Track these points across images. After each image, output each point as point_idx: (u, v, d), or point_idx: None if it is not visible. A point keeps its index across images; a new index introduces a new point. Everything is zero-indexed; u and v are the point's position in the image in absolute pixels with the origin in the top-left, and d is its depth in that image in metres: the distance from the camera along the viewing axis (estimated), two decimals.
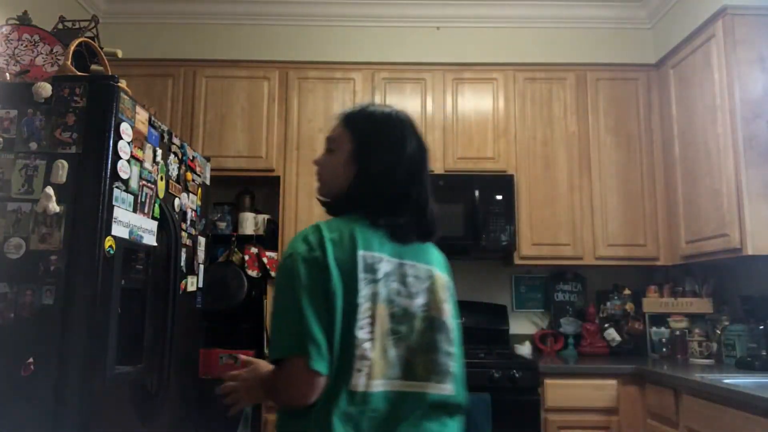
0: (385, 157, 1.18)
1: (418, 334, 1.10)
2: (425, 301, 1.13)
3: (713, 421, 2.06)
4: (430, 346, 1.11)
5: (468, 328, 3.17)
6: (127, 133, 1.78)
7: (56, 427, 1.55)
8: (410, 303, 1.10)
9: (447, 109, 3.18)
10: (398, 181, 1.17)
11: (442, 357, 1.12)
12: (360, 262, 1.06)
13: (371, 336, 1.03)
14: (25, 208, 1.66)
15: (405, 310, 1.09)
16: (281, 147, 3.11)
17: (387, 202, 1.16)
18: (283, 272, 1.06)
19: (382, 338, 1.05)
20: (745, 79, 2.53)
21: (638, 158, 3.13)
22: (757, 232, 2.41)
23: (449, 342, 1.14)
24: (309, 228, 1.10)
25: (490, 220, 2.97)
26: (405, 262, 1.13)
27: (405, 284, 1.11)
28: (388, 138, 1.20)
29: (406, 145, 1.20)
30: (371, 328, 1.04)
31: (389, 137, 1.20)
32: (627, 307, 3.11)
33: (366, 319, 1.03)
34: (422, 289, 1.14)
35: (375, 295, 1.05)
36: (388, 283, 1.08)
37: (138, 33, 3.23)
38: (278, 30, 3.26)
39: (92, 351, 1.61)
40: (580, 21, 3.27)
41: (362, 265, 1.06)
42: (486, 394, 2.50)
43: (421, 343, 1.10)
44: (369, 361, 1.02)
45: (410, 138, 1.21)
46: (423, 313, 1.12)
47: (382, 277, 1.08)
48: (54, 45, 2.08)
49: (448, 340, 1.14)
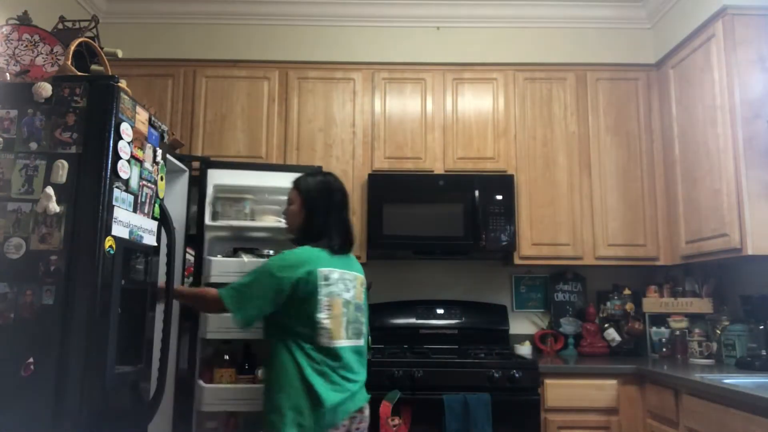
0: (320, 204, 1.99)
1: (351, 313, 1.93)
2: (354, 293, 1.97)
3: (713, 421, 2.06)
4: (356, 319, 1.96)
5: (468, 328, 3.19)
6: (127, 133, 1.78)
7: (56, 427, 1.55)
8: (348, 295, 1.94)
9: (447, 109, 3.18)
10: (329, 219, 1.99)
11: (359, 325, 1.98)
12: (319, 275, 1.87)
13: (329, 316, 1.86)
14: (25, 208, 1.66)
15: (346, 300, 1.93)
16: (281, 147, 3.12)
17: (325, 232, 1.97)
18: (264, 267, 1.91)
19: (336, 317, 1.88)
20: (745, 79, 2.53)
21: (638, 158, 3.13)
22: (757, 232, 2.41)
23: (363, 315, 2.02)
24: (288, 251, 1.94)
25: (490, 220, 2.97)
26: (343, 271, 1.95)
27: (345, 285, 1.94)
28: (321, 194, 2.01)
29: (333, 195, 2.01)
30: (329, 312, 1.86)
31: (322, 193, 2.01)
32: (627, 307, 3.11)
33: (326, 306, 1.86)
34: (351, 287, 1.97)
35: (330, 293, 1.88)
36: (337, 284, 1.91)
37: (138, 33, 3.23)
38: (278, 30, 3.26)
39: (92, 351, 1.61)
40: (580, 21, 3.27)
41: (321, 276, 1.87)
42: (486, 394, 2.50)
43: (351, 318, 1.93)
44: (327, 330, 1.85)
45: (335, 192, 2.03)
46: (353, 300, 1.96)
47: (334, 282, 1.90)
48: (54, 45, 2.08)
49: (363, 315, 2.02)
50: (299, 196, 2.03)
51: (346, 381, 1.87)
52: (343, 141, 3.14)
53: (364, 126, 3.16)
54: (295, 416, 1.77)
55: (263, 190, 2.67)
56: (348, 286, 1.95)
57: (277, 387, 1.83)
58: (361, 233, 3.01)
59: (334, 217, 2.00)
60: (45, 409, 1.55)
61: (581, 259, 3.07)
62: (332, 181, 2.05)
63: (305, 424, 1.77)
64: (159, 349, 1.98)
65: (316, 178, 2.05)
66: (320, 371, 1.82)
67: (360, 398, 1.91)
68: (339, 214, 2.02)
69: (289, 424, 1.76)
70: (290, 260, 1.89)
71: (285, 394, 1.80)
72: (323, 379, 1.81)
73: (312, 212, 1.99)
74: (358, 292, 2.01)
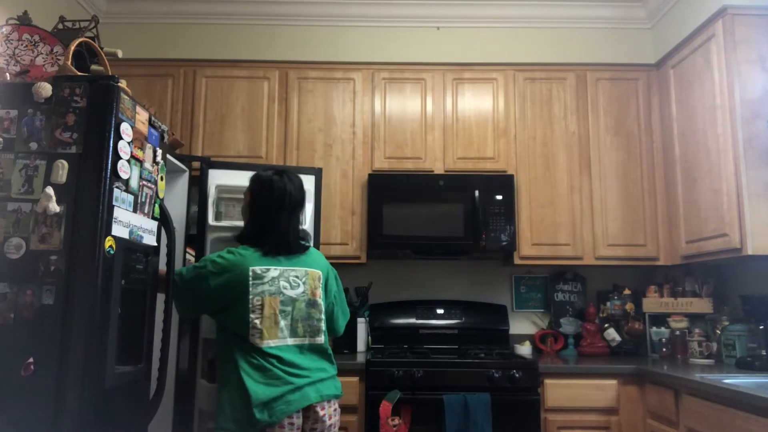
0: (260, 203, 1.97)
1: (299, 311, 1.89)
2: (304, 289, 1.92)
3: (713, 421, 2.06)
4: (307, 316, 1.91)
5: (468, 328, 3.19)
6: (127, 133, 1.78)
7: (56, 427, 1.55)
8: (294, 292, 1.90)
9: (447, 109, 3.18)
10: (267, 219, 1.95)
11: (314, 322, 1.93)
12: (251, 274, 1.85)
13: (260, 316, 1.83)
14: (25, 208, 1.66)
15: (290, 297, 1.89)
16: (281, 147, 3.12)
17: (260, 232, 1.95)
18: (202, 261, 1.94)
19: (271, 316, 1.84)
20: (745, 79, 2.53)
21: (638, 158, 3.13)
22: (757, 232, 2.42)
23: (320, 312, 1.96)
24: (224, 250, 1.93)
25: (490, 220, 2.97)
26: (286, 268, 1.92)
27: (288, 282, 1.90)
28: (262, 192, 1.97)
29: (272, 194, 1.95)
30: (260, 312, 1.83)
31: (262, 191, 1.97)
32: (627, 307, 3.11)
33: (258, 305, 1.83)
34: (300, 283, 1.92)
35: (262, 293, 1.85)
36: (274, 283, 1.87)
37: (138, 33, 3.23)
38: (278, 30, 3.26)
39: (92, 351, 1.61)
40: (579, 21, 3.27)
41: (252, 275, 1.85)
42: (486, 394, 2.50)
43: (302, 316, 1.90)
44: (258, 330, 1.82)
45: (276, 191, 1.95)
46: (302, 297, 1.91)
47: (269, 280, 1.86)
48: (54, 45, 2.08)
49: (319, 312, 1.95)
50: (248, 193, 2.04)
51: (289, 375, 1.81)
52: (343, 141, 3.14)
53: (364, 126, 3.16)
54: (232, 411, 1.78)
55: None
56: (294, 283, 1.91)
57: (221, 383, 1.87)
58: (361, 233, 3.02)
59: (269, 220, 1.95)
60: (45, 409, 1.55)
61: (581, 259, 3.07)
62: (276, 181, 1.98)
63: (240, 419, 1.76)
64: (159, 349, 1.98)
65: (263, 174, 2.01)
66: (257, 366, 1.80)
67: (311, 395, 1.82)
68: (275, 217, 1.95)
69: (228, 419, 1.78)
70: (225, 261, 1.88)
71: (225, 390, 1.82)
72: (259, 373, 1.79)
73: (252, 212, 2.00)
74: (312, 288, 1.95)
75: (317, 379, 1.87)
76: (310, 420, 1.83)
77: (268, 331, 1.83)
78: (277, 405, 1.76)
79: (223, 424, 1.79)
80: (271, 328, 1.83)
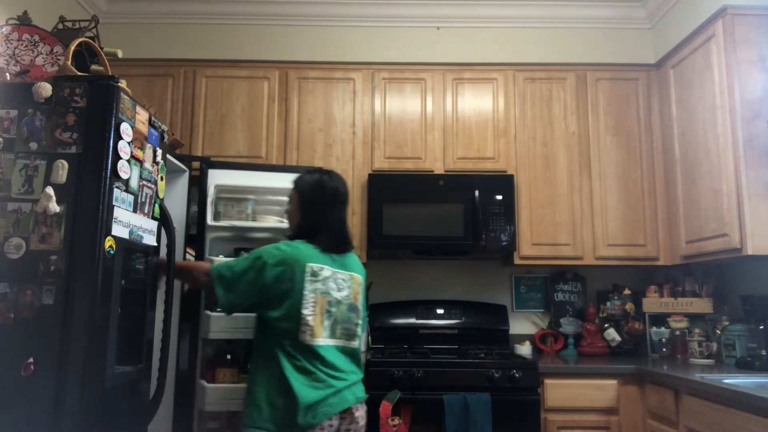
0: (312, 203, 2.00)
1: (341, 313, 1.91)
2: (348, 293, 1.95)
3: (713, 421, 2.06)
4: (347, 319, 1.93)
5: (468, 328, 3.19)
6: (127, 133, 1.78)
7: (56, 427, 1.55)
8: (339, 294, 1.92)
9: (447, 109, 3.18)
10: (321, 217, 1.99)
11: (352, 326, 1.95)
12: (307, 269, 1.86)
13: (313, 313, 1.83)
14: (25, 208, 1.66)
15: (336, 299, 1.90)
16: (281, 147, 3.12)
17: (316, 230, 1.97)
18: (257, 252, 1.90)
19: (320, 314, 1.85)
20: (745, 79, 2.53)
21: (638, 158, 3.13)
22: (757, 232, 2.41)
23: (358, 317, 1.98)
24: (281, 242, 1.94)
25: (490, 220, 2.97)
26: (336, 270, 1.94)
27: (336, 283, 1.92)
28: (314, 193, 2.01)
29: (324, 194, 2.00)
30: (313, 309, 1.84)
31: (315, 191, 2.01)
32: (627, 307, 3.11)
33: (311, 302, 1.84)
34: (345, 287, 1.95)
35: (316, 290, 1.86)
36: (326, 282, 1.89)
37: (138, 33, 3.23)
38: (278, 30, 3.26)
39: (92, 351, 1.61)
40: (580, 21, 3.27)
41: (309, 271, 1.86)
42: (486, 394, 2.50)
43: (342, 318, 1.91)
44: (310, 327, 1.82)
45: (328, 190, 2.00)
46: (346, 300, 1.94)
47: (322, 279, 1.88)
48: (54, 45, 2.08)
49: (357, 316, 1.98)
50: (296, 195, 2.04)
51: (331, 378, 1.82)
52: (343, 141, 3.14)
53: (364, 126, 3.16)
54: (271, 412, 1.76)
55: (264, 191, 2.67)
56: (341, 286, 1.93)
57: (257, 381, 1.83)
58: (361, 233, 3.01)
59: (326, 216, 1.99)
60: (45, 409, 1.55)
61: (581, 259, 3.07)
62: (326, 180, 2.02)
63: (281, 421, 1.75)
64: (159, 349, 1.98)
65: (312, 176, 2.04)
66: (301, 368, 1.79)
67: (349, 398, 1.85)
68: (330, 213, 2.00)
69: (266, 419, 1.76)
70: (283, 254, 1.87)
71: (263, 389, 1.80)
72: (304, 376, 1.79)
73: (306, 211, 2.00)
74: (354, 293, 1.98)
75: (352, 382, 1.89)
76: (346, 421, 1.84)
77: (317, 329, 1.83)
78: (320, 407, 1.77)
79: (260, 424, 1.76)
80: (318, 326, 1.84)
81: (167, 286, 2.00)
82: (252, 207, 2.64)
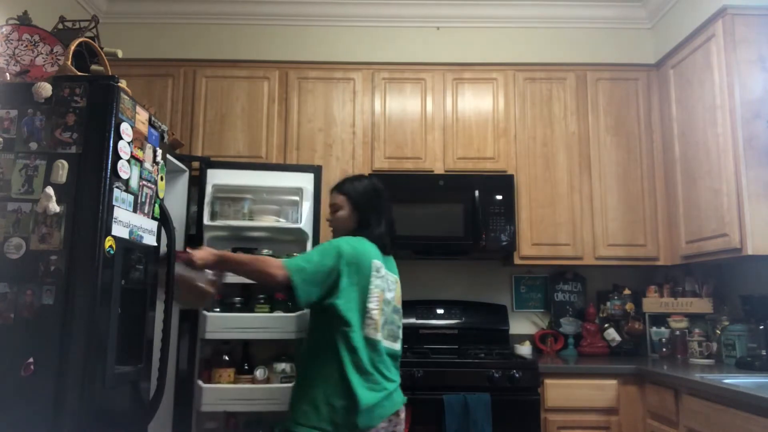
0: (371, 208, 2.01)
1: (389, 314, 1.92)
2: (393, 295, 1.97)
3: (713, 421, 2.06)
4: (392, 321, 1.94)
5: (468, 328, 3.19)
6: (127, 133, 1.78)
7: (56, 427, 1.55)
8: (389, 295, 1.94)
9: (447, 109, 3.18)
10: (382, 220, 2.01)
11: (395, 328, 1.96)
12: (373, 265, 1.87)
13: (378, 307, 1.85)
14: (25, 208, 1.66)
15: (386, 299, 1.92)
16: (281, 147, 3.12)
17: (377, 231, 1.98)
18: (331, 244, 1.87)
19: (380, 311, 1.86)
20: (745, 79, 2.53)
21: (638, 158, 3.13)
22: (757, 232, 2.41)
23: (400, 320, 2.02)
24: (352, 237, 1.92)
25: (490, 220, 2.97)
26: (387, 271, 1.96)
27: (387, 284, 1.94)
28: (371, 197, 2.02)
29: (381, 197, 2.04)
30: (377, 303, 1.85)
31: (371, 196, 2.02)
32: (627, 307, 3.11)
33: (375, 297, 1.85)
34: (392, 288, 1.97)
35: (379, 285, 1.87)
36: (384, 280, 1.92)
37: (138, 33, 3.23)
38: (278, 30, 3.26)
39: (92, 351, 1.61)
40: (580, 21, 3.27)
41: (374, 267, 1.87)
42: (486, 394, 2.50)
43: (389, 319, 1.92)
44: (374, 321, 1.83)
45: (381, 194, 2.04)
46: (392, 301, 1.96)
47: (381, 277, 1.90)
48: (54, 45, 2.08)
49: (399, 319, 2.01)
50: (348, 201, 2.01)
51: (385, 380, 1.83)
52: (343, 141, 3.14)
53: (364, 126, 3.16)
54: (329, 413, 1.74)
55: (262, 190, 2.67)
56: (390, 287, 1.95)
57: (314, 381, 1.79)
58: None
59: (385, 218, 2.02)
60: (45, 409, 1.55)
61: (581, 259, 3.07)
62: (377, 184, 2.06)
63: (339, 422, 1.73)
64: (159, 349, 1.98)
65: (363, 182, 2.06)
66: (361, 368, 1.77)
67: (398, 400, 1.89)
68: (388, 216, 2.04)
69: (324, 420, 1.73)
70: (354, 248, 1.85)
71: (322, 389, 1.76)
72: (363, 377, 1.77)
73: (365, 216, 1.99)
74: (398, 296, 2.00)
75: (398, 384, 1.93)
76: (392, 423, 1.86)
77: (378, 324, 1.84)
78: (376, 410, 1.78)
79: (316, 423, 1.73)
80: (378, 322, 1.84)
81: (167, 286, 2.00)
82: (249, 206, 2.64)
